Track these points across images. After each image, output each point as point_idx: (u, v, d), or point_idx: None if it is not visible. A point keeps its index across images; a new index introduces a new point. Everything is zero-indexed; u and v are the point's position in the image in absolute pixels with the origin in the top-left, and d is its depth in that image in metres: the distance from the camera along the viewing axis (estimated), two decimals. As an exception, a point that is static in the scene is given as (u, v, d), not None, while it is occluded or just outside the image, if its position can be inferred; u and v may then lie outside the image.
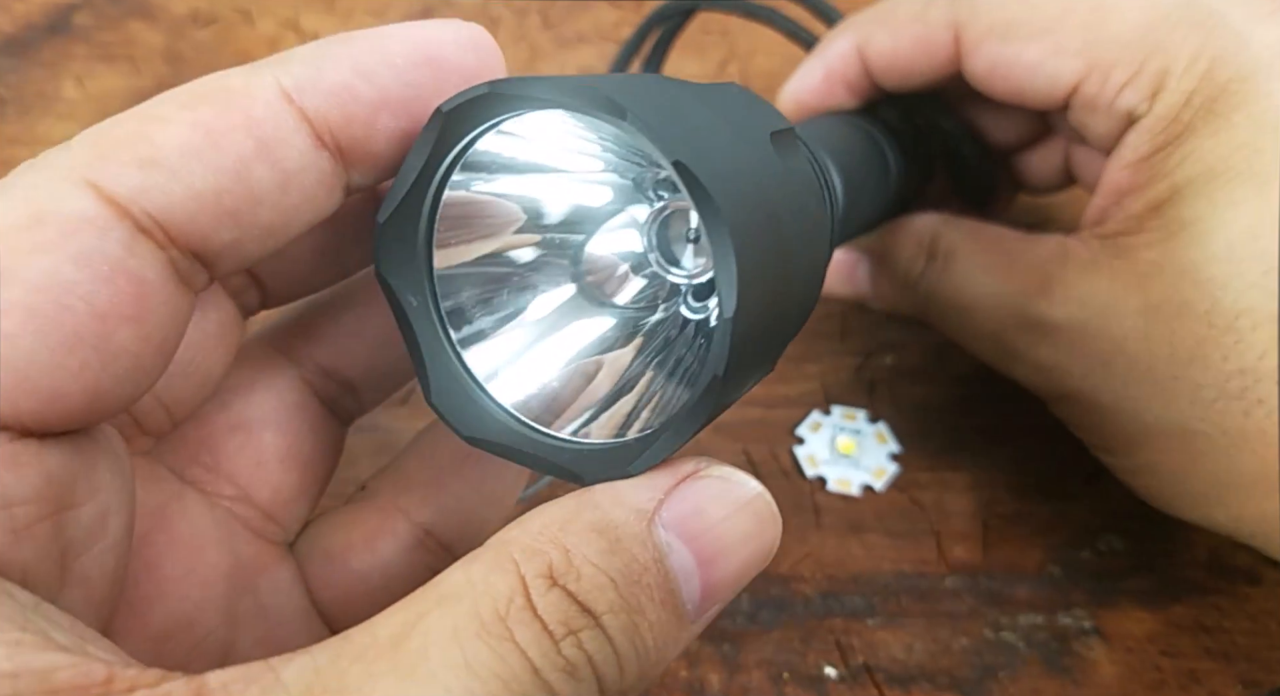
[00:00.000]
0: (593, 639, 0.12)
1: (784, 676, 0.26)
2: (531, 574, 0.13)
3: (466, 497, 0.20)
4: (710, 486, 0.15)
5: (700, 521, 0.14)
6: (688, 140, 0.13)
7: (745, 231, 0.13)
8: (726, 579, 0.14)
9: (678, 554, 0.14)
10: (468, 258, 0.17)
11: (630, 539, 0.13)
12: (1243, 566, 0.28)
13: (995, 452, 0.30)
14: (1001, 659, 0.26)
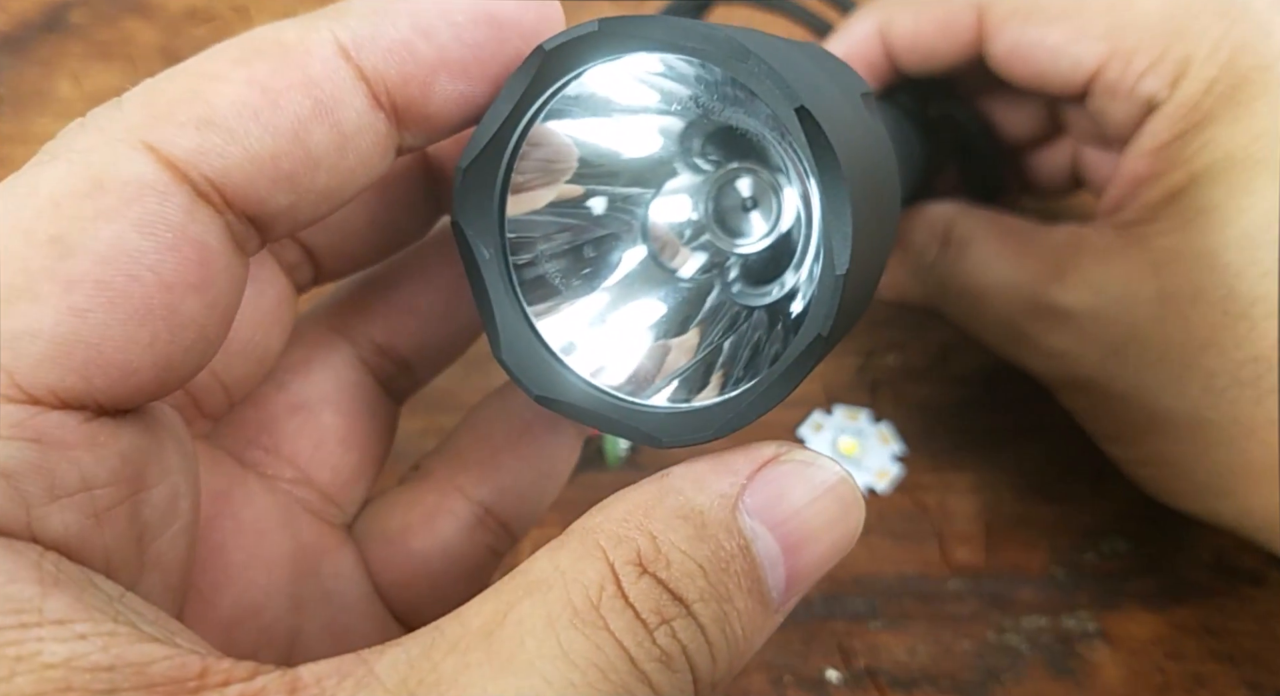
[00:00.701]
0: (685, 628, 0.12)
1: (785, 679, 0.26)
2: (620, 561, 0.12)
3: (523, 474, 0.19)
4: (793, 471, 0.14)
5: (784, 507, 0.14)
6: (807, 89, 0.13)
7: (859, 187, 0.13)
8: (811, 565, 0.14)
9: (763, 540, 0.13)
10: (539, 205, 0.16)
11: (716, 525, 0.13)
12: (1247, 568, 0.28)
13: (999, 454, 0.30)
14: (1005, 661, 0.26)
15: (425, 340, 0.19)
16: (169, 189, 0.12)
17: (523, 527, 0.20)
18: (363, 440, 0.19)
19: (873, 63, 0.26)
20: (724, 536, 0.13)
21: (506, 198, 0.16)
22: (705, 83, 0.16)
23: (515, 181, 0.16)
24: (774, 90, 0.13)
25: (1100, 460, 0.29)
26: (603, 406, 0.16)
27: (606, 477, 0.29)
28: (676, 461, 0.31)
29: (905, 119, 0.26)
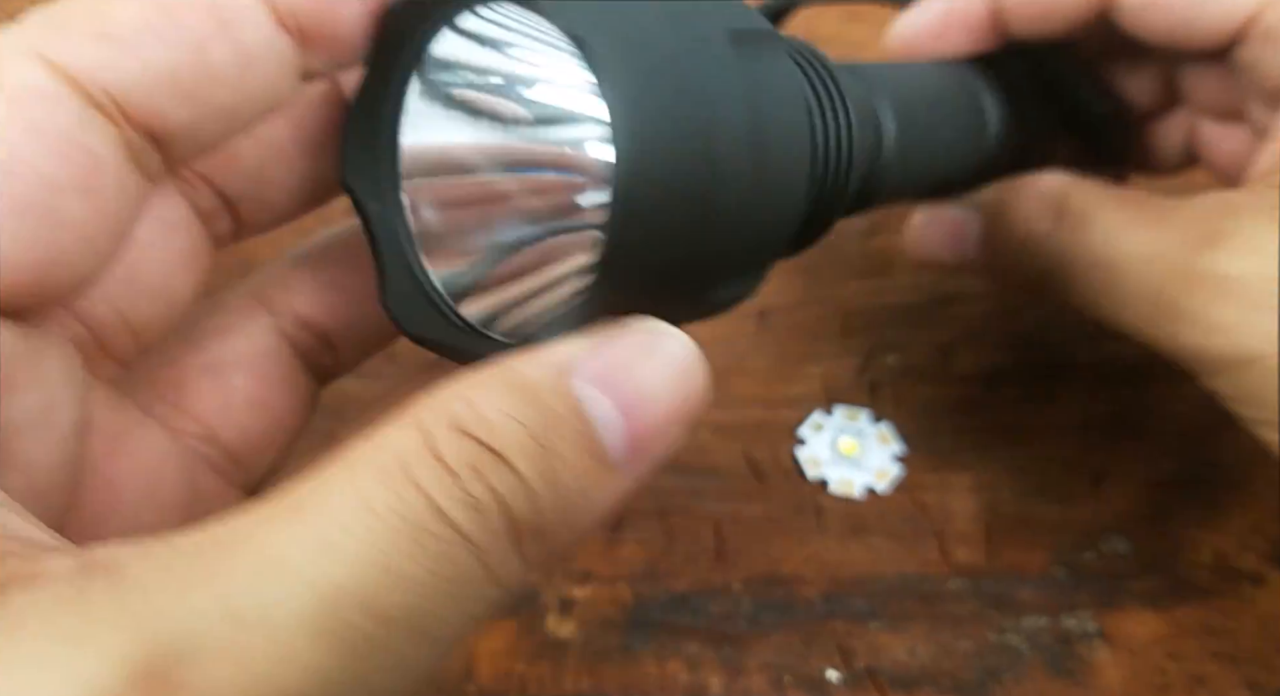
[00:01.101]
0: (499, 474, 0.12)
1: (785, 679, 0.26)
2: (437, 426, 0.12)
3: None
4: (629, 339, 0.14)
5: (620, 372, 0.14)
6: (589, 20, 0.13)
7: (634, 75, 0.13)
8: (653, 426, 0.14)
9: (597, 402, 0.13)
10: (432, 155, 0.16)
11: (545, 390, 0.13)
12: (1248, 569, 0.28)
13: (999, 454, 0.30)
14: (1005, 661, 0.26)
15: (352, 321, 0.19)
16: (61, 97, 0.13)
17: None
18: (273, 408, 0.19)
19: (973, 23, 0.24)
20: (553, 400, 0.13)
21: (398, 146, 0.16)
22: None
23: (406, 132, 0.16)
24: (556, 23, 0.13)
25: (1100, 461, 0.30)
26: (471, 343, 0.16)
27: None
28: (674, 464, 0.31)
29: (994, 89, 0.25)
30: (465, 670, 0.26)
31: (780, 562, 0.28)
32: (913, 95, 0.22)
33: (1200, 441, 0.30)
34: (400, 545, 0.11)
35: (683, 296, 0.16)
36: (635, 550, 0.28)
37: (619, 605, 0.27)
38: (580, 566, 0.28)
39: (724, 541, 0.28)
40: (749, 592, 0.27)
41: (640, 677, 0.26)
